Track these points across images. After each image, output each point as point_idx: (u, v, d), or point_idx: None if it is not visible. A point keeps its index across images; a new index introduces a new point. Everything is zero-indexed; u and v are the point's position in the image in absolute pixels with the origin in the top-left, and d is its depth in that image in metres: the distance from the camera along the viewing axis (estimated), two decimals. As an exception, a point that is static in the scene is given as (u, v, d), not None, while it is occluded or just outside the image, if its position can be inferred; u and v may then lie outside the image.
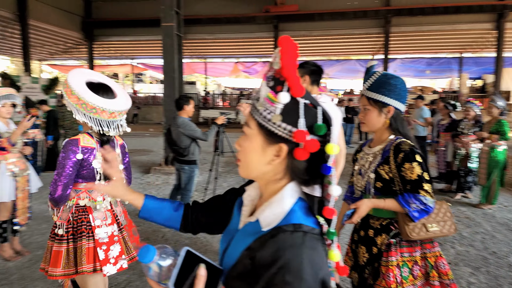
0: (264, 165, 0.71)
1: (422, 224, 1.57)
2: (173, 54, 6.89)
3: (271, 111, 0.67)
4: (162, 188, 6.06)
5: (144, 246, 0.65)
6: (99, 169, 1.90)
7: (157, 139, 13.23)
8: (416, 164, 1.51)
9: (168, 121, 6.99)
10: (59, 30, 20.74)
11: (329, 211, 0.68)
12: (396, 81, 1.60)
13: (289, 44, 0.66)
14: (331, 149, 0.66)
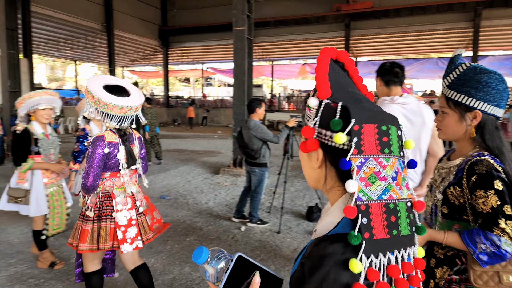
0: (312, 170, 0.71)
1: (495, 271, 1.20)
2: (243, 58, 7.03)
3: (309, 117, 0.69)
4: (231, 190, 6.20)
5: (198, 248, 0.68)
6: (122, 160, 2.19)
7: (225, 141, 13.68)
8: (492, 193, 1.16)
9: (237, 123, 7.15)
10: (139, 39, 22.65)
11: (348, 209, 0.59)
12: (489, 77, 1.20)
13: (326, 53, 0.67)
14: (337, 139, 0.60)
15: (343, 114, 0.62)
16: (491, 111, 1.22)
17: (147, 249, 3.66)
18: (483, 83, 1.20)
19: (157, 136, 8.50)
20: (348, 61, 0.72)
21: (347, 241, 0.59)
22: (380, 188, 0.61)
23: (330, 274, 0.58)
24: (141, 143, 2.41)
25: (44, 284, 2.92)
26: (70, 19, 17.53)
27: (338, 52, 0.69)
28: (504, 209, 1.15)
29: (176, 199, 5.55)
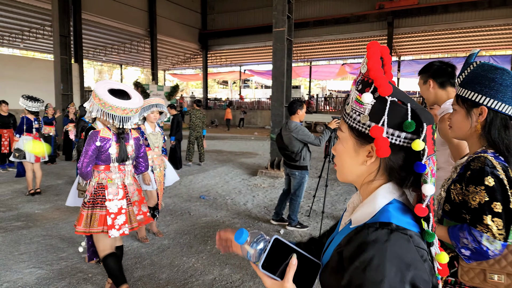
0: (358, 166, 0.73)
1: (481, 269, 1.20)
2: (283, 59, 6.97)
3: (360, 113, 0.69)
4: (268, 191, 6.15)
5: (240, 229, 0.74)
6: (113, 155, 2.48)
7: (262, 143, 13.67)
8: (481, 189, 1.15)
9: (275, 125, 7.10)
10: (180, 42, 23.38)
11: (421, 209, 0.65)
12: (497, 74, 1.19)
13: (376, 48, 0.68)
14: (416, 145, 0.63)
15: (412, 115, 0.65)
16: (499, 108, 1.20)
17: (187, 248, 3.70)
18: (490, 79, 1.20)
19: (202, 138, 8.60)
20: (387, 58, 0.72)
21: (390, 229, 0.62)
22: (433, 184, 0.66)
23: (374, 259, 0.59)
24: (138, 143, 2.66)
25: (91, 278, 3.04)
26: (117, 25, 18.48)
27: (382, 47, 0.70)
28: (492, 206, 1.14)
29: (215, 200, 5.60)
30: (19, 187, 6.09)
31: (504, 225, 1.13)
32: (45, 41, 19.78)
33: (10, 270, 3.17)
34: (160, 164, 3.90)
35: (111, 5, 17.66)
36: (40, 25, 17.90)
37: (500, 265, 1.18)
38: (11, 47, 22.24)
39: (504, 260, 1.18)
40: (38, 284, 2.93)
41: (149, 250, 3.66)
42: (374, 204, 0.69)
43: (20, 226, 4.23)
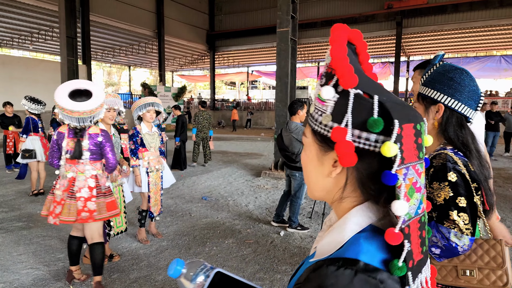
0: (323, 179, 0.59)
1: (453, 266, 1.18)
2: (287, 59, 6.90)
3: (322, 112, 0.56)
4: (271, 193, 6.08)
5: (175, 259, 0.65)
6: (63, 149, 2.68)
7: (268, 144, 13.61)
8: (445, 185, 1.15)
9: (279, 126, 7.03)
10: (187, 44, 23.46)
11: (392, 235, 0.50)
12: (456, 74, 1.22)
13: (340, 31, 0.54)
14: (387, 150, 0.48)
15: (381, 110, 0.51)
16: (455, 106, 1.22)
17: (185, 250, 3.66)
18: (449, 78, 1.22)
19: (209, 139, 8.57)
20: (361, 44, 0.59)
21: (355, 270, 0.48)
22: (417, 201, 0.53)
23: None
24: (95, 141, 2.72)
25: (87, 280, 3.01)
26: (125, 27, 18.62)
27: (351, 32, 0.57)
28: (457, 201, 1.13)
29: (217, 201, 5.56)
30: (24, 188, 6.14)
31: (470, 220, 1.12)
32: (54, 43, 20.05)
33: (8, 270, 3.16)
34: (156, 165, 3.81)
35: (119, 7, 17.81)
36: (49, 27, 18.16)
37: (470, 260, 1.17)
38: (21, 49, 22.62)
39: (474, 254, 1.17)
40: (34, 285, 2.92)
41: (147, 251, 3.63)
42: (342, 231, 0.55)
43: (21, 227, 4.25)
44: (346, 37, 0.55)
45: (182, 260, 0.65)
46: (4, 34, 19.49)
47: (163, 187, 3.98)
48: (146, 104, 3.67)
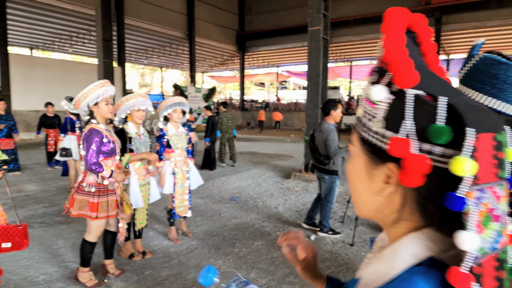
0: (373, 197, 0.48)
1: None
2: (318, 58, 6.78)
3: (372, 116, 0.46)
4: (301, 195, 5.99)
5: (207, 266, 0.61)
6: None
7: (298, 145, 13.46)
8: None
9: (310, 127, 6.91)
10: (217, 45, 23.77)
11: (457, 276, 0.38)
12: (501, 70, 0.95)
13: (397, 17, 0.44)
14: (459, 167, 0.38)
15: (450, 116, 0.40)
16: (502, 109, 0.97)
17: (215, 250, 3.67)
18: (492, 75, 0.98)
19: (234, 139, 8.66)
20: (424, 31, 0.48)
21: None
22: (495, 233, 0.41)
23: None
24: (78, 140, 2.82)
25: (121, 276, 3.09)
26: (158, 29, 19.15)
27: (411, 16, 0.47)
28: None
29: (246, 202, 5.55)
30: (64, 184, 6.44)
31: None
32: (91, 45, 20.94)
33: (48, 263, 3.31)
34: (182, 166, 3.80)
35: (152, 10, 18.34)
36: (87, 30, 18.99)
37: None
38: (61, 52, 23.84)
39: None
40: (71, 278, 3.02)
41: (177, 250, 3.67)
42: (393, 261, 0.45)
43: (60, 221, 4.44)
44: (404, 23, 0.46)
45: (215, 268, 0.61)
46: (45, 38, 20.61)
47: (190, 188, 3.94)
48: (172, 104, 3.65)
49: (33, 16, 16.34)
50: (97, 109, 2.78)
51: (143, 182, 3.39)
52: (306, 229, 4.30)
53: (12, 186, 6.25)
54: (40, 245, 3.71)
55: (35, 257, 3.43)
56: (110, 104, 2.82)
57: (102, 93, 2.75)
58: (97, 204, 2.72)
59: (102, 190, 2.76)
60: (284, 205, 5.40)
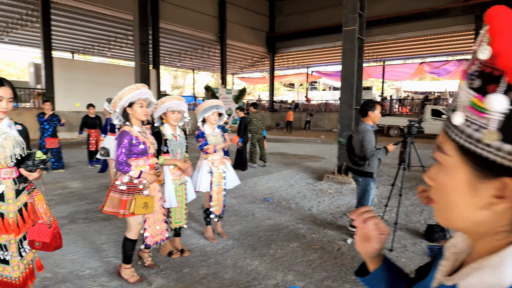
0: (476, 211, 0.46)
1: None
2: (353, 59, 6.65)
3: (480, 126, 0.43)
4: (335, 198, 5.89)
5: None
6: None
7: (329, 146, 13.28)
8: None
9: (343, 128, 6.80)
10: (248, 46, 23.94)
11: None
12: None
13: (506, 17, 0.41)
14: None
15: None
16: None
17: (251, 250, 3.69)
18: None
19: (264, 139, 8.73)
20: None
21: None
22: None
23: None
24: None
25: (161, 273, 3.18)
26: (190, 32, 19.58)
27: None
28: None
29: (279, 203, 5.54)
30: (104, 182, 6.74)
31: None
32: (128, 49, 21.79)
33: (92, 257, 3.47)
34: (220, 165, 3.85)
35: (185, 13, 18.78)
36: (124, 34, 19.78)
37: None
38: (100, 56, 24.96)
39: None
40: (114, 273, 3.15)
41: (214, 249, 3.73)
42: (499, 274, 0.43)
43: (102, 218, 4.64)
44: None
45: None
46: (86, 42, 21.68)
47: (226, 188, 4.00)
48: (210, 107, 3.73)
49: (75, 22, 17.25)
50: (131, 111, 2.87)
51: (178, 182, 3.46)
52: (342, 234, 4.22)
53: (57, 183, 6.63)
54: (84, 240, 3.90)
55: (80, 251, 3.60)
56: (144, 106, 2.89)
57: (136, 96, 2.83)
58: (125, 202, 2.80)
59: (132, 189, 2.83)
60: (318, 207, 5.33)
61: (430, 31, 18.09)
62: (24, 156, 2.17)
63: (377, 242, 0.77)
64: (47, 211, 2.41)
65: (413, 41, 19.74)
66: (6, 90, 2.05)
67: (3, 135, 2.09)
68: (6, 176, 2.10)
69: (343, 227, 4.46)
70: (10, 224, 2.11)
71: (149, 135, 3.05)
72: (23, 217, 2.21)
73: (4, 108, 2.04)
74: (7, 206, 2.11)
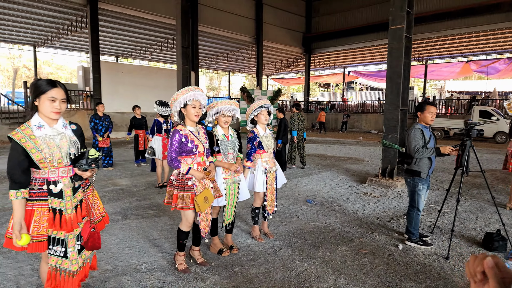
0: None
1: None
2: (400, 58, 6.44)
3: None
4: (380, 201, 5.73)
5: None
6: None
7: (368, 148, 12.96)
8: None
9: (388, 130, 6.60)
10: (283, 47, 23.90)
11: None
12: None
13: None
14: None
15: None
16: None
17: (299, 252, 3.69)
18: None
19: (303, 141, 8.69)
20: None
21: None
22: None
23: None
24: None
25: (213, 270, 3.26)
26: (228, 34, 19.88)
27: None
28: None
29: (322, 205, 5.48)
30: (150, 180, 7.01)
31: None
32: (168, 53, 22.52)
33: (147, 252, 3.63)
34: (272, 166, 3.94)
35: (223, 16, 19.10)
36: (165, 38, 20.46)
37: None
38: (142, 59, 26.01)
39: None
40: (169, 268, 3.27)
41: (262, 249, 3.76)
42: None
43: (152, 214, 4.84)
44: None
45: None
46: (129, 47, 22.69)
47: (277, 187, 4.08)
48: (260, 107, 3.77)
49: (120, 27, 18.10)
50: (185, 111, 3.01)
51: (230, 181, 3.54)
52: (392, 239, 4.11)
53: (107, 180, 7.00)
54: (138, 235, 4.08)
55: (136, 246, 3.78)
56: (197, 107, 3.00)
57: (189, 97, 2.96)
58: (176, 196, 2.99)
59: (181, 184, 2.98)
60: (363, 211, 5.22)
61: (479, 28, 17.07)
62: (79, 155, 2.27)
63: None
64: (100, 208, 2.55)
65: (459, 38, 18.74)
66: (59, 91, 2.13)
67: (59, 136, 2.18)
68: (63, 174, 2.21)
69: (392, 231, 4.33)
70: (67, 220, 2.22)
71: (202, 135, 3.16)
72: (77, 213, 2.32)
73: (57, 109, 2.12)
74: (65, 203, 2.22)
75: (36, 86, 2.11)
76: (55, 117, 2.15)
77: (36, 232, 2.15)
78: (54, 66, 38.12)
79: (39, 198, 2.16)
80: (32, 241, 2.13)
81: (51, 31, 18.83)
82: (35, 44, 21.95)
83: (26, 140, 2.06)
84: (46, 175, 2.16)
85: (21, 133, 2.08)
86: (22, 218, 2.08)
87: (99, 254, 3.50)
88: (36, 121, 2.14)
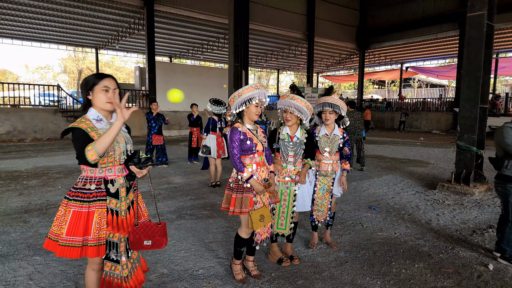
0: None
1: None
2: (480, 49, 5.66)
3: None
4: (456, 211, 5.06)
5: None
6: None
7: (432, 150, 11.93)
8: None
9: (464, 130, 5.85)
10: (336, 43, 23.04)
11: None
12: None
13: None
14: None
15: None
16: None
17: (368, 267, 3.28)
18: None
19: (363, 141, 8.13)
20: None
21: None
22: None
23: None
24: None
25: (274, 282, 2.98)
26: (279, 31, 19.57)
27: None
28: None
29: (388, 212, 4.97)
30: (203, 179, 6.95)
31: None
32: (219, 52, 22.78)
33: (203, 257, 3.44)
34: (327, 170, 3.48)
35: (274, 13, 18.82)
36: (216, 38, 20.70)
37: None
38: (194, 59, 26.66)
39: None
40: (227, 276, 3.04)
41: (325, 260, 3.41)
42: None
43: (207, 215, 4.69)
44: None
45: None
46: (182, 47, 23.33)
47: (332, 194, 3.58)
48: (323, 104, 3.40)
49: (174, 28, 18.62)
50: (246, 110, 2.80)
51: (284, 185, 3.23)
52: (480, 257, 3.52)
53: (162, 178, 7.05)
54: (193, 237, 3.93)
55: (191, 249, 3.62)
56: (259, 106, 2.82)
57: (256, 94, 2.74)
58: (234, 199, 2.76)
59: (240, 187, 2.77)
60: (437, 221, 4.62)
61: None
62: (131, 153, 2.18)
63: None
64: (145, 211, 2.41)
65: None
66: (110, 80, 2.07)
67: None
68: (119, 173, 2.11)
69: (477, 247, 3.74)
70: (122, 221, 2.11)
71: (261, 133, 2.91)
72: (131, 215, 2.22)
73: (110, 99, 2.03)
74: (121, 203, 2.11)
75: (87, 80, 2.06)
76: (110, 108, 2.06)
77: (97, 235, 2.02)
78: (113, 68, 40.60)
79: (98, 198, 2.04)
80: (92, 245, 2.01)
81: (111, 33, 19.93)
82: (97, 47, 23.44)
83: (91, 130, 1.96)
84: (103, 174, 2.06)
85: (85, 124, 1.97)
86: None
87: (155, 256, 3.39)
88: (94, 114, 2.04)
